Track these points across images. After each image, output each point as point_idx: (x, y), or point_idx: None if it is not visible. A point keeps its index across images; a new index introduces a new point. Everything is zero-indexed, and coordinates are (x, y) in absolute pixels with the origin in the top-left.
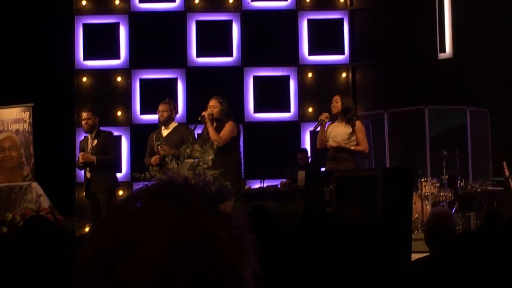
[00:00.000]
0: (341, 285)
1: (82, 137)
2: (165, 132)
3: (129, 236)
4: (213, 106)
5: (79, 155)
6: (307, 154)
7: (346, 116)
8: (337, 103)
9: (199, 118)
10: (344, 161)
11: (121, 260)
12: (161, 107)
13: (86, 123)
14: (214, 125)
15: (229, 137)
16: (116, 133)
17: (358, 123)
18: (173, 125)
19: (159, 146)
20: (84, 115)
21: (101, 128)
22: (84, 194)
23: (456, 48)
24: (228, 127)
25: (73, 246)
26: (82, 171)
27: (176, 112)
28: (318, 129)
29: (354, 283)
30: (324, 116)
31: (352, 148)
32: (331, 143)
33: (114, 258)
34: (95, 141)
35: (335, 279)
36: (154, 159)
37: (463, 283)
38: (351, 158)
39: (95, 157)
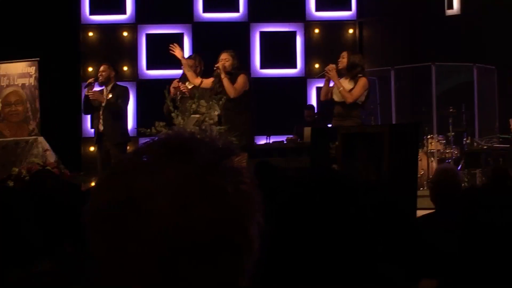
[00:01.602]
0: (349, 243)
1: (99, 89)
2: (189, 86)
3: (138, 190)
4: (225, 59)
5: (90, 92)
6: (314, 110)
7: (351, 72)
8: (343, 59)
9: (215, 69)
10: (349, 117)
11: (130, 213)
12: (187, 61)
13: (100, 74)
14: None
15: (242, 89)
16: None
17: (362, 79)
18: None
19: (180, 83)
20: (100, 67)
21: (119, 83)
22: (94, 147)
23: (463, 4)
24: (241, 79)
25: (79, 200)
26: (93, 124)
27: (202, 68)
28: (323, 83)
29: (362, 240)
30: (330, 67)
31: (341, 88)
32: (336, 98)
33: (123, 211)
34: (110, 95)
35: (343, 237)
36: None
37: (467, 239)
38: (355, 115)
39: (104, 98)
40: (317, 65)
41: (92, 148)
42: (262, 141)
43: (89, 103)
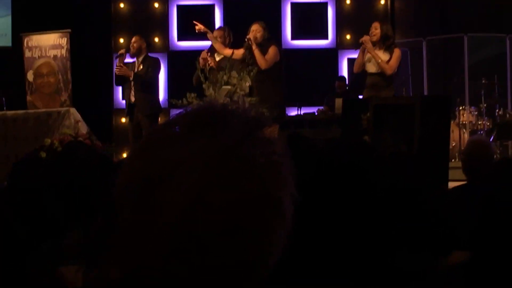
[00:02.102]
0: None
1: (131, 61)
2: (218, 57)
3: (169, 162)
4: (256, 30)
5: (116, 68)
6: (345, 82)
7: (385, 43)
8: (376, 30)
9: (246, 40)
10: (384, 88)
11: (160, 185)
12: (215, 33)
13: (132, 46)
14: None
15: (273, 60)
16: None
17: (397, 50)
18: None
19: (209, 54)
20: (132, 39)
21: (150, 55)
22: (126, 118)
23: None
24: (272, 50)
25: (111, 171)
26: (124, 95)
27: (231, 40)
28: (355, 54)
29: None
30: (366, 38)
31: (379, 60)
32: (369, 69)
33: (153, 183)
34: (141, 66)
35: (371, 209)
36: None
37: (500, 211)
38: (389, 85)
39: (132, 72)
40: (348, 36)
41: (123, 120)
42: (293, 112)
43: (120, 75)
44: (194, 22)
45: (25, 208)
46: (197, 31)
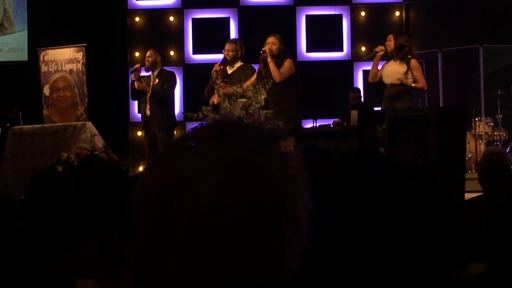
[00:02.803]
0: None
1: (147, 75)
2: (230, 70)
3: (186, 173)
4: (272, 42)
5: (135, 83)
6: (360, 93)
7: (400, 53)
8: (390, 42)
9: (261, 52)
10: (401, 99)
11: (177, 196)
12: (227, 46)
13: (146, 60)
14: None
15: (288, 73)
16: None
17: (413, 61)
18: (238, 64)
19: (217, 82)
20: (147, 53)
21: (165, 68)
22: (141, 132)
23: None
24: (287, 64)
25: (127, 185)
26: (140, 108)
27: (243, 52)
28: (370, 66)
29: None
30: (379, 48)
31: (413, 85)
32: (386, 80)
33: (170, 194)
34: (156, 80)
35: (387, 221)
36: (215, 99)
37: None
38: (408, 96)
39: (150, 87)
40: (363, 48)
41: (139, 133)
42: (308, 124)
43: (136, 89)
44: (263, 49)
45: (42, 221)
46: (263, 53)
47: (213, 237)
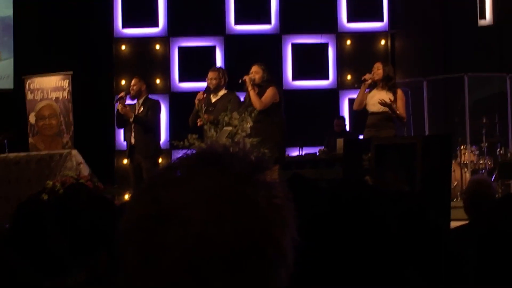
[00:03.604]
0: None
1: (132, 103)
2: (214, 98)
3: (172, 203)
4: (255, 72)
5: (119, 107)
6: (344, 121)
7: (388, 83)
8: (378, 70)
9: (240, 81)
10: (385, 128)
11: (163, 225)
12: (210, 74)
13: (131, 88)
14: (256, 90)
15: (270, 102)
16: None
17: (399, 91)
18: (222, 92)
19: (200, 114)
20: (132, 81)
21: (150, 96)
22: (127, 160)
23: (496, 14)
24: (269, 92)
25: (113, 214)
26: (126, 137)
27: (226, 80)
28: (355, 94)
29: (394, 255)
30: (368, 76)
31: (398, 112)
32: (371, 109)
33: (156, 224)
34: (141, 108)
35: (373, 250)
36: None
37: (502, 249)
38: (391, 125)
39: (133, 114)
40: (349, 77)
41: (125, 161)
42: (294, 153)
43: (122, 117)
44: (244, 78)
45: (27, 250)
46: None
47: (200, 267)
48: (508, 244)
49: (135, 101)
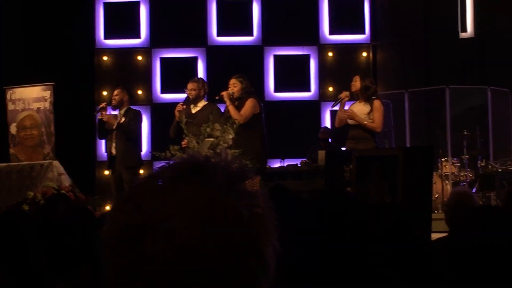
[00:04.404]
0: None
1: (114, 113)
2: (194, 109)
3: (153, 212)
4: (233, 84)
5: (101, 114)
6: (329, 130)
7: (365, 94)
8: (355, 82)
9: (217, 98)
10: (363, 140)
11: (145, 236)
12: (189, 85)
13: (113, 98)
14: (236, 103)
15: (250, 114)
16: None
17: (376, 102)
18: (202, 103)
19: (181, 125)
20: (114, 91)
21: (132, 107)
22: (108, 171)
23: (477, 27)
24: (248, 104)
25: (93, 225)
26: (105, 149)
27: (206, 91)
28: (337, 107)
29: (377, 265)
30: (344, 94)
31: (365, 123)
32: (350, 121)
33: (138, 234)
34: (123, 119)
35: (356, 261)
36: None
37: (478, 260)
38: (370, 137)
39: (116, 121)
40: (331, 89)
41: (106, 172)
42: (276, 164)
43: (103, 128)
44: (221, 93)
45: (7, 261)
46: (220, 97)
47: (183, 278)
48: (481, 256)
49: (117, 111)
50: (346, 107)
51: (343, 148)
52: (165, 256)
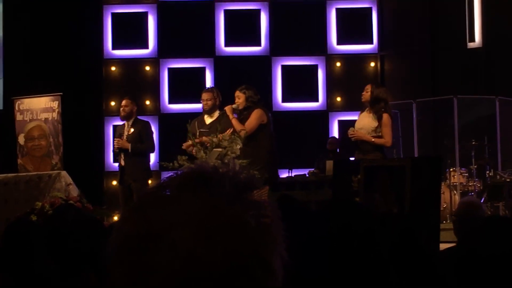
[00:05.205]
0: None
1: (120, 124)
2: (208, 120)
3: (161, 222)
4: (237, 97)
5: (115, 141)
6: (337, 141)
7: (375, 107)
8: (366, 93)
9: (216, 106)
10: (371, 152)
11: (152, 245)
12: (204, 95)
13: (123, 109)
14: (244, 114)
15: (255, 125)
16: None
17: (385, 116)
18: (217, 113)
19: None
20: (123, 102)
21: (139, 117)
22: (117, 181)
23: (485, 37)
24: (253, 115)
25: (101, 234)
26: (116, 159)
27: (220, 101)
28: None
29: (383, 274)
30: (351, 132)
31: (373, 140)
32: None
33: (145, 244)
34: (131, 129)
35: (363, 272)
36: (185, 145)
37: (486, 270)
38: (376, 149)
39: (130, 144)
40: (339, 99)
41: (114, 182)
42: (284, 174)
43: (118, 148)
44: (224, 108)
45: (16, 270)
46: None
47: (190, 287)
48: (489, 266)
49: (123, 122)
50: (356, 116)
51: (351, 158)
52: (171, 266)
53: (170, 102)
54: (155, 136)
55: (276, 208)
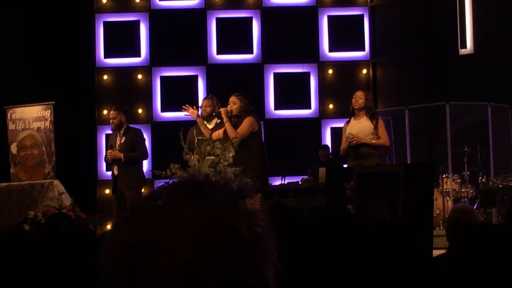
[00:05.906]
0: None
1: (112, 133)
2: (210, 125)
3: (154, 231)
4: (232, 102)
5: (107, 152)
6: (329, 150)
7: (370, 112)
8: (361, 99)
9: (213, 114)
10: (368, 157)
11: (146, 255)
12: (204, 102)
13: (112, 122)
14: (234, 121)
15: (247, 132)
16: None
17: (381, 120)
18: (215, 121)
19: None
20: (110, 113)
21: (130, 125)
22: (110, 190)
23: (477, 43)
24: (245, 122)
25: (94, 244)
26: (109, 168)
27: (219, 108)
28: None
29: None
30: (350, 138)
31: (374, 141)
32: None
33: (139, 253)
34: (123, 138)
35: (356, 279)
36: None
37: (478, 277)
38: (375, 153)
39: (122, 154)
40: (331, 106)
41: (107, 191)
42: (277, 182)
43: (111, 159)
44: (185, 106)
45: (9, 280)
46: (185, 115)
47: None
48: (481, 273)
49: (115, 131)
50: (342, 124)
51: (345, 165)
52: (165, 275)
53: (162, 110)
54: (147, 144)
55: (268, 217)
